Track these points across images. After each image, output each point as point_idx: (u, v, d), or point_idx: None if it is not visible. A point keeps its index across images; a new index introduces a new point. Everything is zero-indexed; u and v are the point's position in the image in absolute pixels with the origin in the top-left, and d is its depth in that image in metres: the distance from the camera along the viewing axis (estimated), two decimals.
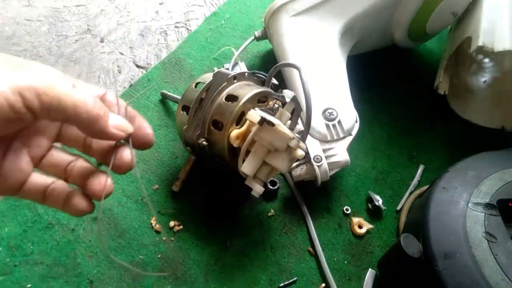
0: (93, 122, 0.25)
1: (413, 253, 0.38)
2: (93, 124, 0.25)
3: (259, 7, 0.71)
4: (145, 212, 0.49)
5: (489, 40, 0.50)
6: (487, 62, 0.62)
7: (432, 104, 0.63)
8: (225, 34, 0.67)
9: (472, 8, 0.57)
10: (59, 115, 0.23)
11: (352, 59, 0.59)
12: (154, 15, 0.69)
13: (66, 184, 0.28)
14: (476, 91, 0.62)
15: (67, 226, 0.47)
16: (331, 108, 0.50)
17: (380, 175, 0.56)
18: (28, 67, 0.22)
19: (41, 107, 0.22)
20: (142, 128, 0.28)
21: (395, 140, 0.60)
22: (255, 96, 0.43)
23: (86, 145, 0.29)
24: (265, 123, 0.39)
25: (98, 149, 0.29)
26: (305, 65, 0.49)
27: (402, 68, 0.67)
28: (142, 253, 0.46)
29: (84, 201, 0.27)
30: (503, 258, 0.35)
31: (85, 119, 0.24)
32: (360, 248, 0.50)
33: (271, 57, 0.62)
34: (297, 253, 0.49)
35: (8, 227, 0.46)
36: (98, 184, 0.27)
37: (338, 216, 0.52)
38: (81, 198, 0.27)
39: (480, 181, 0.42)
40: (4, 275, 0.43)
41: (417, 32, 0.59)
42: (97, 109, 0.25)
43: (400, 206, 0.54)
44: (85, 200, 0.27)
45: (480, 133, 0.60)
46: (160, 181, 0.51)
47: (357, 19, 0.56)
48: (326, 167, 0.48)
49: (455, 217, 0.39)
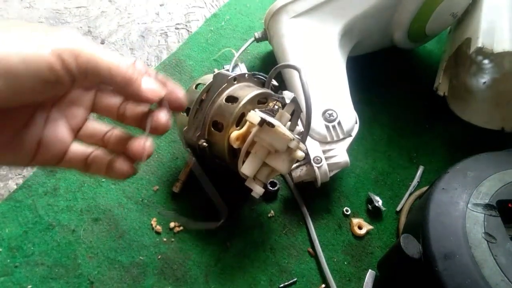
0: (127, 85, 0.25)
1: (413, 253, 0.38)
2: (127, 86, 0.25)
3: (259, 9, 0.71)
4: (146, 213, 0.49)
5: (488, 41, 0.50)
6: (486, 63, 0.62)
7: (431, 105, 0.63)
8: (225, 36, 0.67)
9: (472, 9, 0.57)
10: (95, 78, 0.24)
11: (352, 60, 0.59)
12: (155, 16, 0.69)
13: (105, 151, 0.29)
14: (476, 92, 0.62)
15: (67, 227, 0.47)
16: (331, 109, 0.50)
17: (380, 176, 0.56)
18: (61, 31, 0.23)
19: (79, 69, 0.22)
20: (174, 92, 0.29)
21: (395, 141, 0.60)
22: (255, 97, 0.43)
23: (120, 113, 0.29)
24: (265, 124, 0.39)
25: (132, 115, 0.29)
26: (305, 66, 0.49)
27: (402, 69, 0.68)
28: (142, 254, 0.46)
29: (126, 164, 0.28)
30: (503, 258, 0.35)
31: (119, 81, 0.25)
32: (360, 249, 0.50)
33: (271, 58, 0.62)
34: (297, 254, 0.49)
35: (9, 228, 0.46)
36: (138, 145, 0.28)
37: (338, 217, 0.52)
38: (124, 161, 0.28)
39: (479, 182, 0.42)
40: (5, 276, 0.43)
41: (417, 33, 0.60)
42: (131, 72, 0.25)
43: (400, 207, 0.54)
44: (128, 163, 0.28)
45: (479, 134, 0.60)
46: (161, 182, 0.51)
47: (357, 21, 0.56)
48: (326, 168, 0.48)
49: (454, 218, 0.39)
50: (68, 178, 0.50)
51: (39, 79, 0.21)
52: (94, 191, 0.50)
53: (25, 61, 0.21)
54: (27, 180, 0.49)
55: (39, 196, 0.48)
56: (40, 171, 0.50)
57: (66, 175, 0.50)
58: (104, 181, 0.50)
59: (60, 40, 0.22)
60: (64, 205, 0.48)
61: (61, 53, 0.22)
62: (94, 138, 0.29)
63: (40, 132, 0.26)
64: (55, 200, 0.48)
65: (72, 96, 0.28)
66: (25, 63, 0.21)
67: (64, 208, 0.48)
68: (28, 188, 0.49)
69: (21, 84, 0.21)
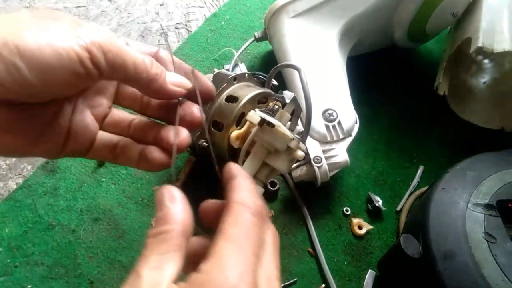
0: (152, 82, 0.25)
1: (413, 253, 0.38)
2: (152, 83, 0.25)
3: (259, 8, 0.71)
4: (146, 213, 0.49)
5: (488, 41, 0.50)
6: (486, 63, 0.62)
7: (431, 104, 0.63)
8: (225, 35, 0.67)
9: (472, 9, 0.57)
10: (121, 74, 0.23)
11: (352, 59, 0.59)
12: (155, 16, 0.69)
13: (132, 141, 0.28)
14: (476, 92, 0.62)
15: (67, 227, 0.47)
16: (331, 109, 0.50)
17: (380, 176, 0.56)
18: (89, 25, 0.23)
19: (107, 64, 0.22)
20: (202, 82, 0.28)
21: (395, 141, 0.60)
22: (255, 97, 0.43)
23: (144, 103, 0.29)
24: (265, 124, 0.39)
25: (156, 106, 0.29)
26: (305, 66, 0.49)
27: (402, 68, 0.67)
28: None
29: (162, 154, 0.27)
30: (503, 258, 0.35)
31: (144, 78, 0.24)
32: (360, 248, 0.50)
33: (271, 58, 0.62)
34: (297, 253, 0.49)
35: (9, 228, 0.46)
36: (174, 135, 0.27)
37: (338, 217, 0.52)
38: (158, 151, 0.27)
39: (479, 181, 0.42)
40: (5, 275, 0.43)
41: (417, 32, 0.60)
42: (155, 68, 0.25)
43: (400, 206, 0.54)
44: (163, 154, 0.27)
45: (479, 133, 0.60)
46: (161, 182, 0.51)
47: (357, 20, 0.56)
48: (326, 168, 0.48)
49: (454, 217, 0.39)
50: (68, 178, 0.50)
51: (70, 72, 0.21)
52: (94, 191, 0.50)
53: (58, 54, 0.21)
54: (27, 180, 0.49)
55: (39, 196, 0.48)
56: (40, 171, 0.50)
57: (66, 175, 0.50)
58: (104, 181, 0.50)
59: (89, 34, 0.22)
60: (64, 205, 0.48)
61: (90, 47, 0.22)
62: (119, 127, 0.29)
63: (68, 122, 0.26)
64: (55, 200, 0.48)
65: (96, 86, 0.28)
66: (58, 56, 0.21)
67: (64, 208, 0.48)
68: (28, 188, 0.49)
69: (53, 78, 0.21)
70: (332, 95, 0.52)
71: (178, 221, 0.21)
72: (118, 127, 0.29)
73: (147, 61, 0.24)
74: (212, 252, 0.20)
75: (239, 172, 0.24)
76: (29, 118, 0.24)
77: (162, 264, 0.20)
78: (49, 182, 0.49)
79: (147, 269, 0.19)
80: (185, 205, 0.23)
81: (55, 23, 0.22)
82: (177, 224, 0.21)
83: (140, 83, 0.25)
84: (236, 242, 0.20)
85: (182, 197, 0.23)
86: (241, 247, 0.20)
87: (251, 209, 0.22)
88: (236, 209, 0.22)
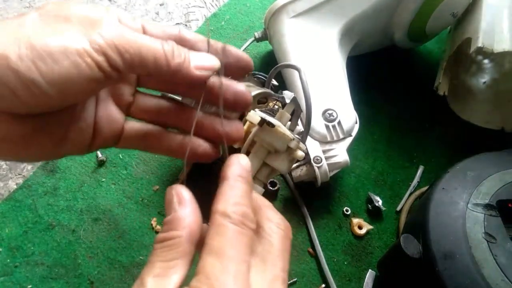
0: (175, 72, 0.23)
1: (413, 253, 0.38)
2: (175, 74, 0.23)
3: (259, 8, 0.71)
4: (146, 213, 0.49)
5: (488, 41, 0.50)
6: (486, 63, 0.62)
7: (431, 105, 0.63)
8: (225, 35, 0.67)
9: (472, 9, 0.57)
10: (141, 70, 0.22)
11: (352, 59, 0.59)
12: (155, 16, 0.69)
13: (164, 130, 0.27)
14: (476, 92, 0.62)
15: (67, 227, 0.47)
16: (331, 109, 0.50)
17: (380, 176, 0.56)
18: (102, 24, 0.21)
19: (124, 64, 0.21)
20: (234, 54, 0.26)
21: (395, 141, 0.60)
22: (255, 97, 0.43)
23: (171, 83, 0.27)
24: (265, 124, 0.39)
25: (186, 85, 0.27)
26: (305, 66, 0.49)
27: (402, 68, 0.67)
28: (142, 253, 0.46)
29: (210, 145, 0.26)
30: (503, 258, 0.35)
31: (166, 71, 0.23)
32: (360, 248, 0.50)
33: (271, 58, 0.62)
34: (297, 254, 0.49)
35: (9, 228, 0.46)
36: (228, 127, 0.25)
37: (338, 217, 0.52)
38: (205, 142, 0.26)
39: (479, 182, 0.42)
40: (5, 276, 0.43)
41: (416, 32, 0.60)
42: (177, 57, 0.23)
43: (400, 207, 0.54)
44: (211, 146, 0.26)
45: (479, 134, 0.60)
46: (161, 182, 0.51)
47: (357, 20, 0.56)
48: (326, 168, 0.48)
49: (454, 217, 0.39)
50: (68, 178, 0.50)
51: (88, 79, 0.20)
52: (94, 191, 0.50)
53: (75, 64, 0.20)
54: (27, 180, 0.49)
55: (39, 196, 0.48)
56: (40, 171, 0.50)
57: (66, 175, 0.50)
58: (104, 181, 0.50)
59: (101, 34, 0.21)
60: (64, 205, 0.48)
61: (105, 49, 0.21)
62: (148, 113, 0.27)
63: (93, 116, 0.25)
64: (55, 200, 0.48)
65: None
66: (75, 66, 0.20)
67: (64, 208, 0.48)
68: (28, 188, 0.49)
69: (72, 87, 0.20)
70: (332, 95, 0.52)
71: (185, 225, 0.21)
72: (146, 113, 0.27)
73: (168, 50, 0.23)
74: (199, 267, 0.20)
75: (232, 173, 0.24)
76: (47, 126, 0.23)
77: (167, 271, 0.20)
78: (49, 182, 0.50)
79: (151, 277, 0.19)
80: (193, 207, 0.22)
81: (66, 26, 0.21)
82: (184, 229, 0.21)
83: (164, 76, 0.23)
84: (221, 256, 0.20)
85: (190, 198, 0.22)
86: (226, 260, 0.19)
87: (232, 219, 0.21)
88: (217, 220, 0.21)
